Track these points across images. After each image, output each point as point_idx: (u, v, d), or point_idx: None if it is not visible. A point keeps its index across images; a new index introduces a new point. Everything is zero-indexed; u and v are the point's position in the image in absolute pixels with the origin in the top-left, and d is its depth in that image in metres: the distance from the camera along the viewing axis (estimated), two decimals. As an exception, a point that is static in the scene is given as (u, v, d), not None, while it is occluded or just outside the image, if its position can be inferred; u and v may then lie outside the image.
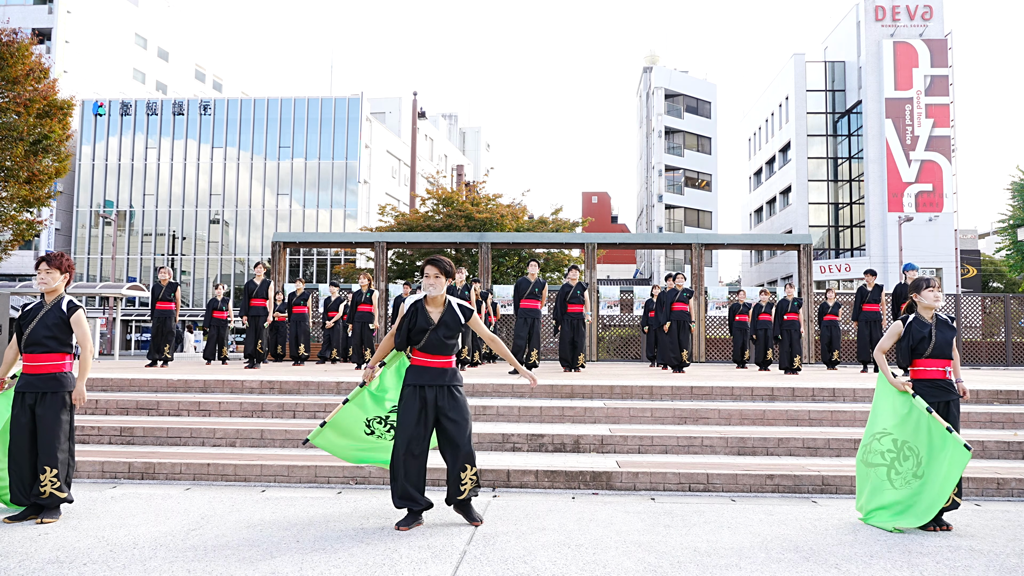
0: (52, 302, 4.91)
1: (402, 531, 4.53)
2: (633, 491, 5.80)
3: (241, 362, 15.37)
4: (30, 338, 4.81)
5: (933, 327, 4.92)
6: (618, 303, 18.78)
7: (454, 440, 4.63)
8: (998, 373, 13.88)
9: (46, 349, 4.82)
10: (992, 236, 50.64)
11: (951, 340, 4.92)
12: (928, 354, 4.90)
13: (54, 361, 4.84)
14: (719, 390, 8.19)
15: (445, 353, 4.74)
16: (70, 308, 4.90)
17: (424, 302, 4.78)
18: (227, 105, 49.67)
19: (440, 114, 70.03)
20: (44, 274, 4.90)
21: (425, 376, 4.69)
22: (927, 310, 4.97)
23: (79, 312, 4.92)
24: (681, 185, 52.98)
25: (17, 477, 4.77)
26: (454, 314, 4.76)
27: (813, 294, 17.63)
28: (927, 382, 4.92)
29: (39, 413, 4.76)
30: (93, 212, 47.95)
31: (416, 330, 4.72)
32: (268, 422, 7.30)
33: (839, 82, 46.35)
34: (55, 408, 4.79)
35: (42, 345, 4.81)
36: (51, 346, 4.83)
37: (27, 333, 4.82)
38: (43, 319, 4.84)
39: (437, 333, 4.70)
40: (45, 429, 4.76)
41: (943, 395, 4.89)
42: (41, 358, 4.81)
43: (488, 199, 31.55)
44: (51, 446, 4.75)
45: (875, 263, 40.70)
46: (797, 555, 4.13)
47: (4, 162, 22.76)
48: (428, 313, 4.74)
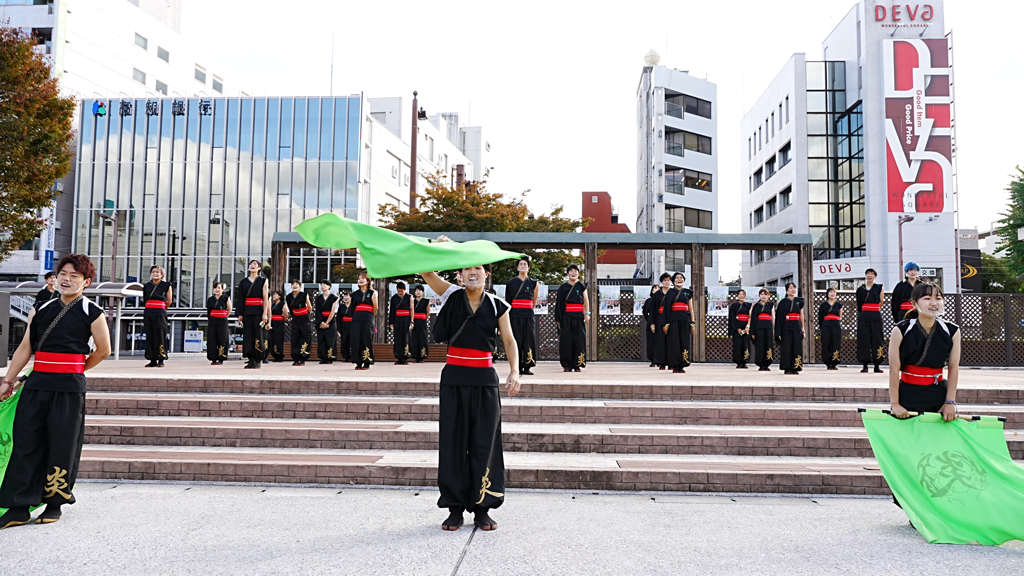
0: (71, 304, 4.89)
1: (449, 530, 4.53)
2: (633, 491, 5.80)
3: (241, 362, 15.38)
4: (49, 339, 4.78)
5: (929, 340, 4.87)
6: (618, 303, 18.78)
7: (477, 441, 4.63)
8: (998, 373, 13.88)
9: (65, 350, 4.80)
10: (992, 236, 50.66)
11: (945, 352, 4.86)
12: (919, 363, 4.91)
13: (71, 361, 4.82)
14: (719, 390, 8.19)
15: (483, 349, 4.72)
16: (92, 312, 4.88)
17: (465, 293, 4.81)
18: (227, 105, 49.67)
19: (440, 114, 70.03)
20: (69, 277, 4.86)
21: (461, 376, 4.69)
22: (926, 319, 4.95)
23: (101, 316, 4.90)
24: (681, 185, 52.97)
25: (14, 475, 4.62)
26: (490, 306, 4.78)
27: (814, 294, 17.63)
28: (912, 388, 4.92)
29: (53, 413, 4.72)
30: (93, 212, 47.95)
31: (455, 318, 4.74)
32: (268, 422, 7.30)
33: (839, 82, 46.34)
34: (71, 409, 4.77)
35: (62, 347, 4.79)
36: (72, 348, 4.81)
37: (46, 333, 4.77)
38: (64, 321, 4.81)
39: (475, 323, 4.71)
40: (59, 429, 4.71)
41: (925, 404, 4.87)
42: (58, 357, 4.78)
43: (488, 199, 31.57)
44: (65, 447, 4.73)
45: (875, 263, 40.70)
46: (797, 555, 4.13)
47: (4, 162, 22.76)
48: (468, 303, 4.77)
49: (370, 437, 6.72)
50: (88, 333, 4.90)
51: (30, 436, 4.68)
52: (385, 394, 8.27)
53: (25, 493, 4.63)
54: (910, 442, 4.78)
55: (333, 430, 6.81)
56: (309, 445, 6.73)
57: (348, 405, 7.61)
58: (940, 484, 4.62)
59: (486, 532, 4.52)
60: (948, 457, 4.70)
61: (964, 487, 4.56)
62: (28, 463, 4.65)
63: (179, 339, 44.83)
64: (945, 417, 4.81)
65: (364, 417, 7.49)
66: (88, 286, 5.03)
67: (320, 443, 6.74)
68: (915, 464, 4.72)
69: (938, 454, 4.72)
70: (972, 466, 4.63)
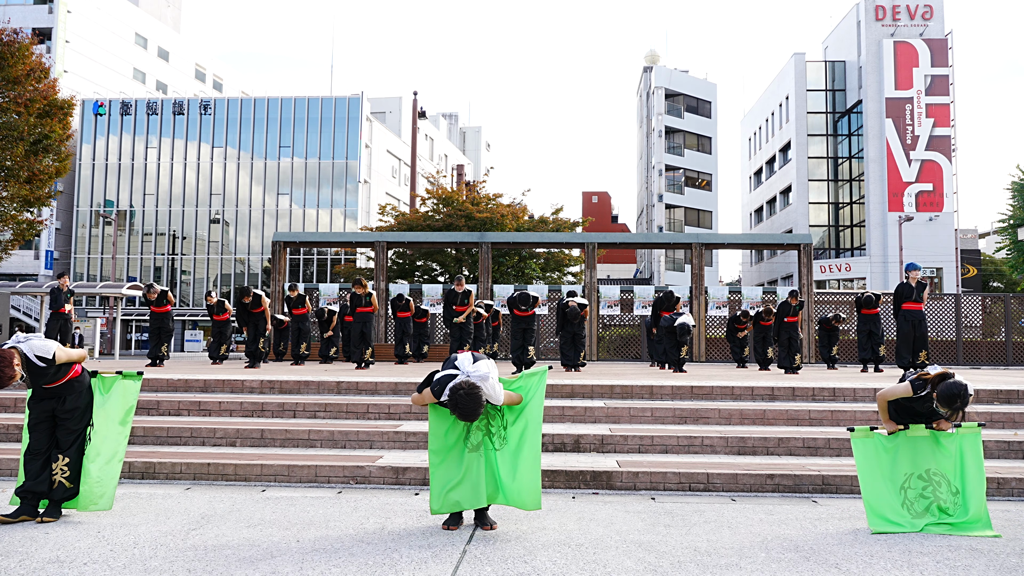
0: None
1: (449, 530, 4.54)
2: (633, 491, 5.80)
3: (242, 361, 15.38)
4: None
5: (927, 416, 4.85)
6: (618, 303, 18.78)
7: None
8: (998, 373, 13.87)
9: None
10: (992, 236, 50.66)
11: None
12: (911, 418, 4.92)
13: (68, 373, 4.88)
14: (719, 390, 8.19)
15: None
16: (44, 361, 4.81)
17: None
18: (227, 105, 49.67)
19: (440, 114, 70.02)
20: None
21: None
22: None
23: (55, 351, 4.80)
24: (681, 185, 52.97)
25: (26, 465, 4.78)
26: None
27: (814, 293, 17.63)
28: (904, 407, 4.92)
29: (61, 409, 4.81)
30: (93, 212, 47.95)
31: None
32: (268, 422, 7.30)
33: (839, 82, 46.34)
34: (75, 401, 4.84)
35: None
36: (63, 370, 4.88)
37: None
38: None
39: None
40: (66, 422, 4.82)
41: (916, 418, 4.86)
42: (54, 383, 4.84)
43: (488, 199, 31.57)
44: (69, 436, 4.82)
45: (875, 263, 40.74)
46: (797, 555, 4.13)
47: (4, 162, 22.76)
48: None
49: (370, 437, 6.72)
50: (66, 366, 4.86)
51: (42, 434, 4.81)
52: (385, 394, 8.27)
53: (35, 481, 4.76)
54: (894, 463, 4.85)
55: (333, 430, 6.81)
56: (309, 445, 6.73)
57: (348, 405, 7.61)
58: (919, 507, 4.76)
59: (486, 532, 4.52)
60: (929, 476, 4.80)
61: (939, 511, 4.74)
62: (40, 453, 4.81)
63: (179, 339, 44.82)
64: (935, 426, 4.82)
65: (364, 417, 7.50)
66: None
67: (320, 443, 6.74)
68: (898, 487, 4.81)
69: (920, 473, 4.82)
70: (949, 486, 4.75)
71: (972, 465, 4.74)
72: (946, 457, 4.79)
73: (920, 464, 4.82)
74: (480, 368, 4.44)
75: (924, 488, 4.78)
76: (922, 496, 4.77)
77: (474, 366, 4.46)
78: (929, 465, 4.81)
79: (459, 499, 4.49)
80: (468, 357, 4.55)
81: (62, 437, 4.83)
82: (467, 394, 4.28)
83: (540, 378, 4.68)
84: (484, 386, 4.37)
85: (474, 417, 4.34)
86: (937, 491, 4.76)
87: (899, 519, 4.71)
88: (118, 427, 5.01)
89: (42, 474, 4.76)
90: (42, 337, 4.73)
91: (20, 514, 4.70)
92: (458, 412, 4.31)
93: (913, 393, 4.76)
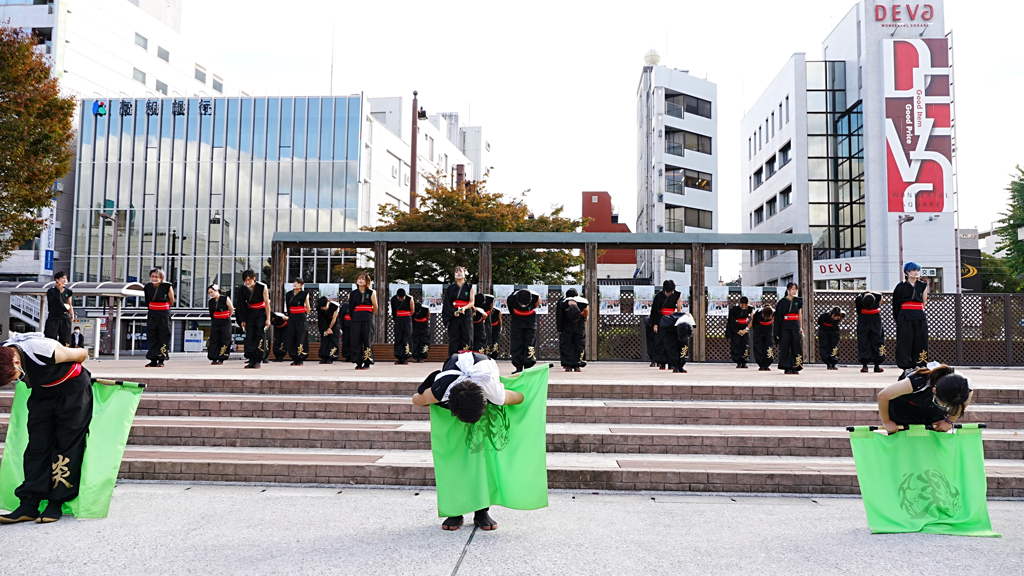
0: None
1: (449, 530, 4.55)
2: (633, 491, 5.80)
3: (242, 362, 15.38)
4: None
5: (927, 415, 4.85)
6: (618, 303, 18.78)
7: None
8: (998, 373, 13.87)
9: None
10: (992, 236, 50.68)
11: (941, 416, 4.82)
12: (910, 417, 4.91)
13: (68, 373, 4.87)
14: (719, 390, 8.19)
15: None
16: (44, 360, 4.79)
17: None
18: (227, 105, 49.67)
19: (440, 114, 70.03)
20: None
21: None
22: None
23: (54, 350, 4.79)
24: (681, 185, 52.97)
25: (27, 465, 4.78)
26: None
27: (814, 293, 17.63)
28: (904, 406, 4.91)
29: (61, 409, 4.81)
30: (93, 212, 47.94)
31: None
32: (268, 422, 7.30)
33: (839, 82, 46.34)
34: (75, 401, 4.84)
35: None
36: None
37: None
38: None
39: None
40: (66, 422, 4.82)
41: (916, 418, 4.86)
42: (53, 383, 4.84)
43: (488, 199, 31.57)
44: (69, 436, 4.82)
45: (875, 263, 40.73)
46: (797, 555, 4.13)
47: (4, 162, 22.76)
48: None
49: (370, 437, 6.72)
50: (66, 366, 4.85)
51: (42, 434, 4.82)
52: (385, 394, 8.27)
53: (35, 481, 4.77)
54: (894, 463, 4.84)
55: (333, 430, 6.81)
56: (309, 445, 6.73)
57: (348, 405, 7.61)
58: (918, 507, 4.76)
59: (486, 532, 4.52)
60: (928, 476, 4.80)
61: (938, 512, 4.74)
62: (40, 453, 4.82)
63: (179, 339, 44.83)
64: (936, 427, 4.82)
65: (364, 417, 7.49)
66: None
67: (320, 443, 6.74)
68: (896, 487, 4.81)
69: (920, 473, 4.82)
70: (948, 487, 4.75)
71: (972, 466, 4.74)
72: (946, 458, 4.79)
73: (919, 465, 4.83)
74: (481, 368, 4.44)
75: (923, 489, 4.78)
76: (921, 496, 4.77)
77: (475, 366, 4.46)
78: (928, 466, 4.81)
79: (465, 501, 4.50)
80: (469, 357, 4.55)
81: (62, 437, 4.83)
82: (468, 395, 4.28)
83: (541, 376, 4.69)
84: (485, 386, 4.37)
85: (475, 418, 4.34)
86: (936, 492, 4.76)
87: (899, 519, 4.72)
88: (114, 447, 4.98)
89: (42, 474, 4.76)
90: (42, 336, 4.74)
91: (20, 514, 4.70)
92: (459, 413, 4.32)
93: (913, 389, 4.75)
